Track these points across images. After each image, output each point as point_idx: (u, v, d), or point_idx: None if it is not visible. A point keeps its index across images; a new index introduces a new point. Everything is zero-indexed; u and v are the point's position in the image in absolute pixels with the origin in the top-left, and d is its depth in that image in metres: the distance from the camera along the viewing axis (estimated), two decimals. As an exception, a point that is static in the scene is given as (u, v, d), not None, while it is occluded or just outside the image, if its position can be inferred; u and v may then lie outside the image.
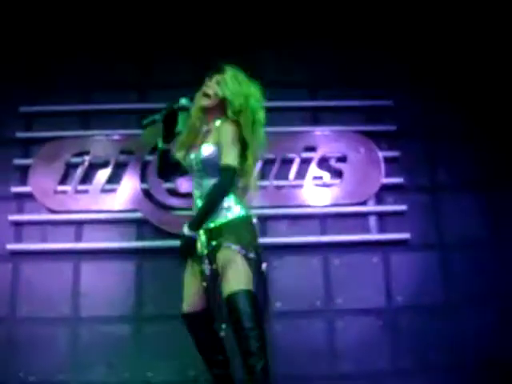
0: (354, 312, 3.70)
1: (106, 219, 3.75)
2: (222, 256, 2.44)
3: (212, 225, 2.49)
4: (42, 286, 3.66)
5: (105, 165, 3.80)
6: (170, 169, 2.80)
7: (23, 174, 3.83)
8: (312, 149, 3.91)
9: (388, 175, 3.91)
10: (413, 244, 3.84)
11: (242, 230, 2.49)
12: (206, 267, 2.49)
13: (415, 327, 3.70)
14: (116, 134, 3.88)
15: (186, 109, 2.62)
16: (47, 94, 3.97)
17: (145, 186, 3.78)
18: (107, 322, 3.63)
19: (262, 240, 3.65)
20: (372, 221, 3.89)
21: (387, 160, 3.94)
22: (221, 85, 2.54)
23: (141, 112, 3.90)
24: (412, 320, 3.72)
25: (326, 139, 3.94)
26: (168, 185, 3.76)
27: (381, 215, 3.90)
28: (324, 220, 3.86)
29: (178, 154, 2.70)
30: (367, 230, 3.87)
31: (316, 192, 3.83)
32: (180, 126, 2.66)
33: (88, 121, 3.95)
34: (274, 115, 3.93)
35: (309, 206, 3.83)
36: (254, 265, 2.45)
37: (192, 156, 2.57)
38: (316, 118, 4.08)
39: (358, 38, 4.18)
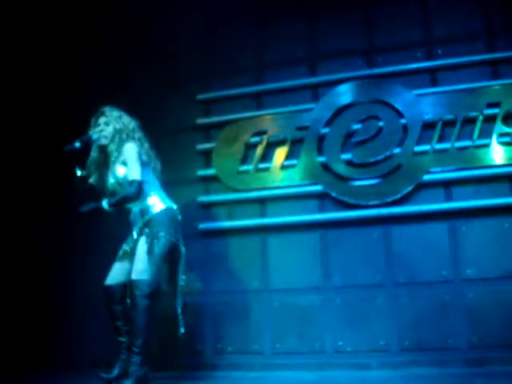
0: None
1: (287, 194, 3.86)
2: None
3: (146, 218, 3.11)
4: (232, 262, 3.89)
5: (282, 142, 3.90)
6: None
7: (207, 158, 4.08)
8: (495, 105, 3.63)
9: None
10: None
11: (165, 220, 3.09)
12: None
13: None
14: (289, 111, 3.95)
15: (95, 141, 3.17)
16: (221, 80, 4.16)
17: (322, 159, 3.82)
18: (296, 293, 3.76)
19: (448, 205, 3.59)
20: None
21: None
22: (109, 124, 3.16)
23: (311, 86, 3.98)
24: None
25: (510, 92, 3.64)
26: (345, 156, 3.77)
27: None
28: (515, 180, 3.59)
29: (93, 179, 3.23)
30: None
31: (503, 151, 3.56)
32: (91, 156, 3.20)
33: (262, 101, 4.07)
34: (447, 73, 3.80)
35: (496, 167, 3.58)
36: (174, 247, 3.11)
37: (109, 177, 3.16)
38: (495, 71, 3.77)
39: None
